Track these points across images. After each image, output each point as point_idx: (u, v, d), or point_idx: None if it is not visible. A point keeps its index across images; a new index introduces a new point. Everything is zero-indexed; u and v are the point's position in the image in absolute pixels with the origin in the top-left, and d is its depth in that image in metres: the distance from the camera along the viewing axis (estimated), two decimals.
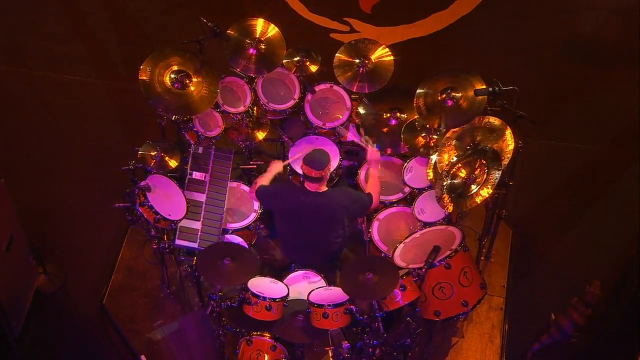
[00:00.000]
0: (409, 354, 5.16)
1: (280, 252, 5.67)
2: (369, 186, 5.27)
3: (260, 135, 5.74)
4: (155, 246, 5.34)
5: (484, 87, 4.99)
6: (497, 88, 4.84)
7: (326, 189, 5.02)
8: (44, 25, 7.64)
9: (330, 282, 5.14)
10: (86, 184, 6.51)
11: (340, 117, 5.73)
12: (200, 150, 5.61)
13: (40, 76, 7.29)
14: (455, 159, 5.00)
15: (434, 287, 4.96)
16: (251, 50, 5.46)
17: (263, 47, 5.49)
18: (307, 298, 4.82)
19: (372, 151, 5.36)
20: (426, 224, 5.19)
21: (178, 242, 5.22)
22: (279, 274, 5.25)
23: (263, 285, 4.92)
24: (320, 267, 5.20)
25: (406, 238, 5.07)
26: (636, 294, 5.63)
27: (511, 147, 4.90)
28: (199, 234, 5.25)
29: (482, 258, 5.90)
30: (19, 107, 7.09)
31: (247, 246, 5.29)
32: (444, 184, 4.93)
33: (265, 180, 5.24)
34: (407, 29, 7.53)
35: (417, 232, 5.10)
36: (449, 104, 5.07)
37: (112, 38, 7.61)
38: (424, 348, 5.36)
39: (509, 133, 4.92)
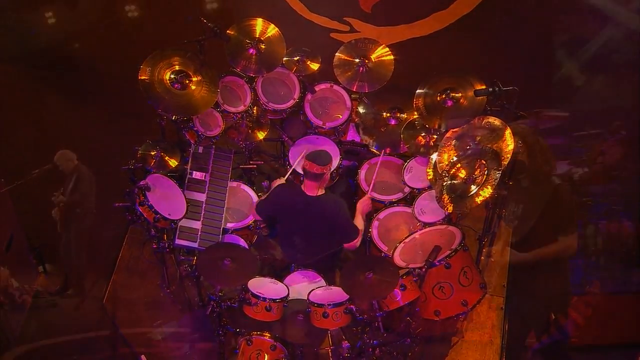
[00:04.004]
0: (409, 354, 5.15)
1: (280, 251, 5.67)
2: (356, 222, 5.18)
3: (261, 135, 5.75)
4: (155, 246, 5.34)
5: (484, 87, 4.99)
6: (497, 88, 4.84)
7: (323, 192, 5.00)
8: (44, 25, 7.63)
9: (330, 281, 5.14)
10: None
11: (341, 116, 5.72)
12: (201, 149, 5.61)
13: (40, 76, 7.28)
14: (455, 159, 4.99)
15: (434, 286, 4.96)
16: (251, 50, 5.47)
17: (263, 47, 5.50)
18: (307, 298, 4.82)
19: (364, 201, 5.29)
20: (426, 224, 5.18)
21: (178, 241, 5.22)
22: (279, 274, 5.25)
23: (263, 285, 4.92)
24: (321, 267, 5.20)
25: (406, 238, 5.06)
26: (636, 294, 5.63)
27: (511, 147, 4.89)
28: (199, 233, 5.25)
29: (482, 258, 5.88)
30: (18, 107, 7.09)
31: (247, 246, 5.29)
32: (444, 184, 4.93)
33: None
34: (407, 28, 7.53)
35: (417, 232, 5.10)
36: (449, 104, 5.07)
37: (113, 38, 7.60)
38: (423, 348, 5.35)
39: (508, 133, 4.92)
